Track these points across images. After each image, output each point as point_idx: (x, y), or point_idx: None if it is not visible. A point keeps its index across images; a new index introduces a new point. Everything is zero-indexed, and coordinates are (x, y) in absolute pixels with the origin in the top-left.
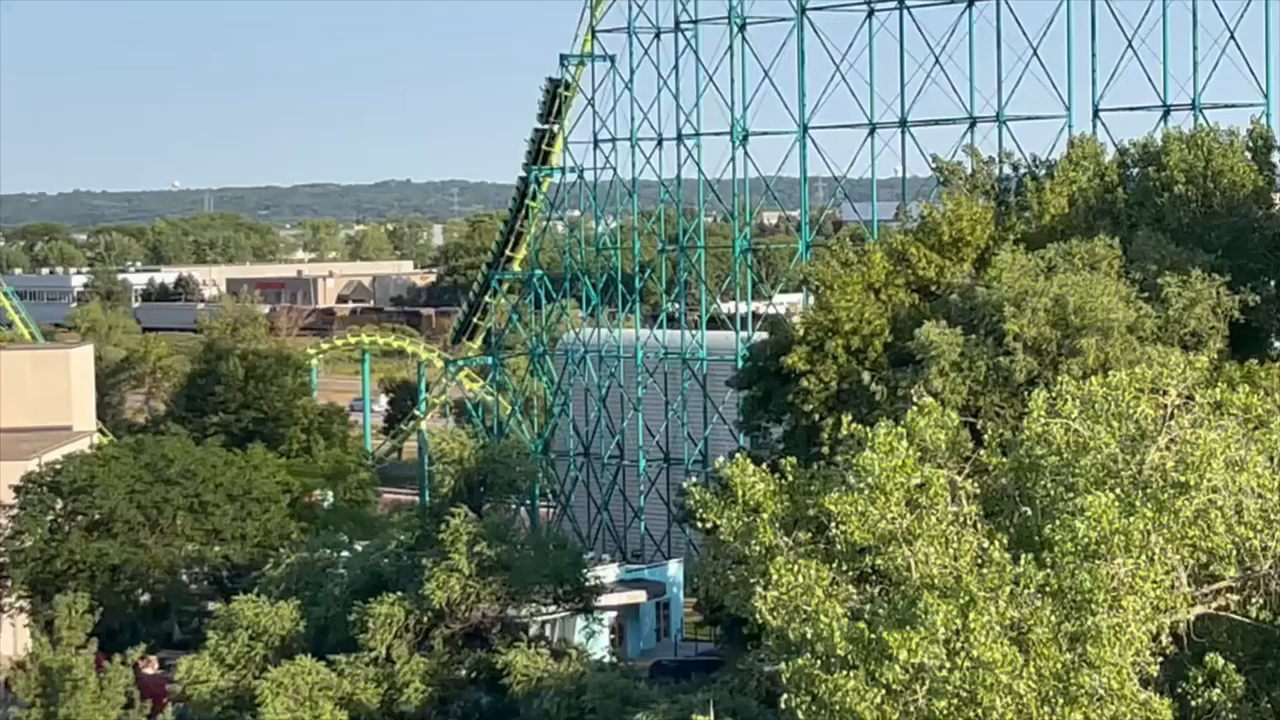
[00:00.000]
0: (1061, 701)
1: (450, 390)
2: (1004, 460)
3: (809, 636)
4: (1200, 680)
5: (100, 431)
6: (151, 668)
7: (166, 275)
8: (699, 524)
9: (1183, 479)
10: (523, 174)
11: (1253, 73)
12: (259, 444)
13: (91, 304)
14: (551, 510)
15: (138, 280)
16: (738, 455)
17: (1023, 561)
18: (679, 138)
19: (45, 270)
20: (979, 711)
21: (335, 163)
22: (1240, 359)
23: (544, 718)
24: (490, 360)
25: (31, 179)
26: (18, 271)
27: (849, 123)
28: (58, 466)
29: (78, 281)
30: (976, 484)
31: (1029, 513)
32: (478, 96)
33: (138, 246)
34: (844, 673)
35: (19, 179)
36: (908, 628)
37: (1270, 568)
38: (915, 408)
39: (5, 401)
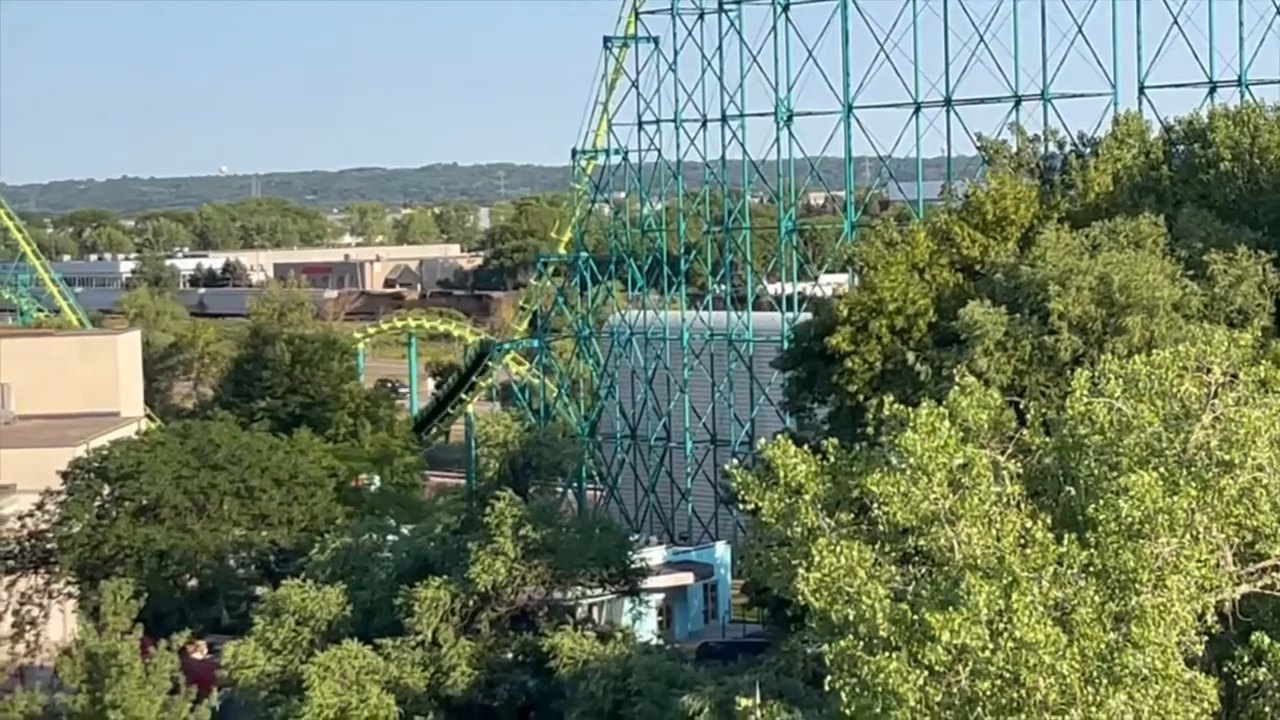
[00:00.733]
0: (1105, 682)
1: (497, 373)
2: (1047, 440)
3: (852, 618)
4: (1246, 659)
5: (148, 417)
6: (200, 653)
7: (214, 261)
8: (742, 506)
9: (1227, 457)
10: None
11: None
12: (305, 428)
13: (139, 290)
14: (599, 492)
15: (185, 266)
16: (779, 437)
17: (1066, 541)
18: (723, 119)
19: (94, 256)
20: (1022, 692)
21: (382, 147)
22: None
23: (590, 700)
24: (536, 343)
25: (79, 165)
26: (66, 258)
27: (894, 102)
28: (105, 452)
29: (126, 267)
30: (1020, 464)
31: (1072, 492)
32: (524, 79)
33: (185, 232)
34: (887, 654)
35: (67, 166)
36: (950, 609)
37: None
38: (957, 388)
39: (54, 387)
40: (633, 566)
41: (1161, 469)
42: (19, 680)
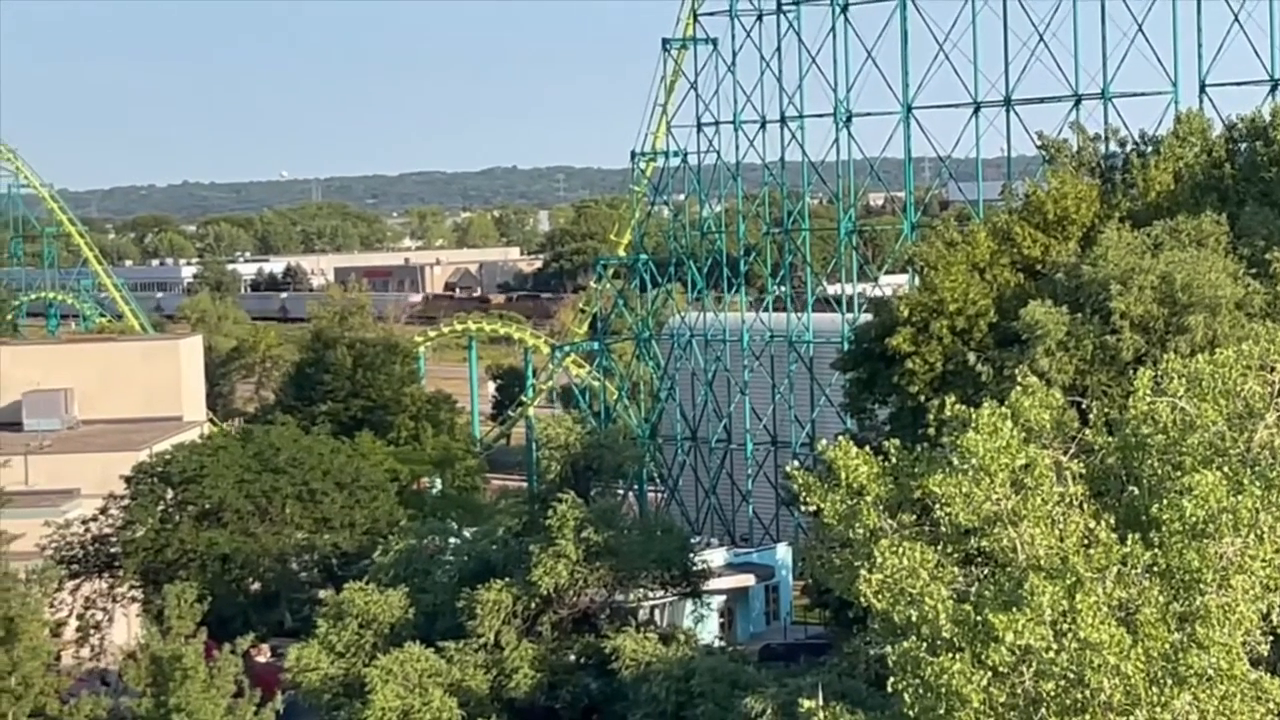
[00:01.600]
0: (1170, 682)
1: (557, 376)
2: (1110, 439)
3: (914, 619)
4: None
5: (210, 421)
6: (264, 656)
7: (275, 265)
8: (803, 507)
9: None
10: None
11: None
12: (367, 432)
13: (201, 294)
14: (660, 495)
15: (247, 270)
16: (840, 438)
17: (1130, 541)
18: (782, 120)
19: (155, 262)
20: (1086, 693)
21: (442, 150)
22: None
23: (653, 702)
24: (597, 345)
25: (141, 171)
26: (128, 263)
27: (953, 102)
28: (168, 456)
29: (187, 272)
30: (1082, 464)
31: (1136, 492)
32: (583, 82)
33: (246, 237)
34: (950, 655)
35: (129, 171)
36: (1014, 609)
37: None
38: (1019, 388)
39: (117, 392)
40: (694, 568)
41: (1225, 468)
42: (100, 683)
